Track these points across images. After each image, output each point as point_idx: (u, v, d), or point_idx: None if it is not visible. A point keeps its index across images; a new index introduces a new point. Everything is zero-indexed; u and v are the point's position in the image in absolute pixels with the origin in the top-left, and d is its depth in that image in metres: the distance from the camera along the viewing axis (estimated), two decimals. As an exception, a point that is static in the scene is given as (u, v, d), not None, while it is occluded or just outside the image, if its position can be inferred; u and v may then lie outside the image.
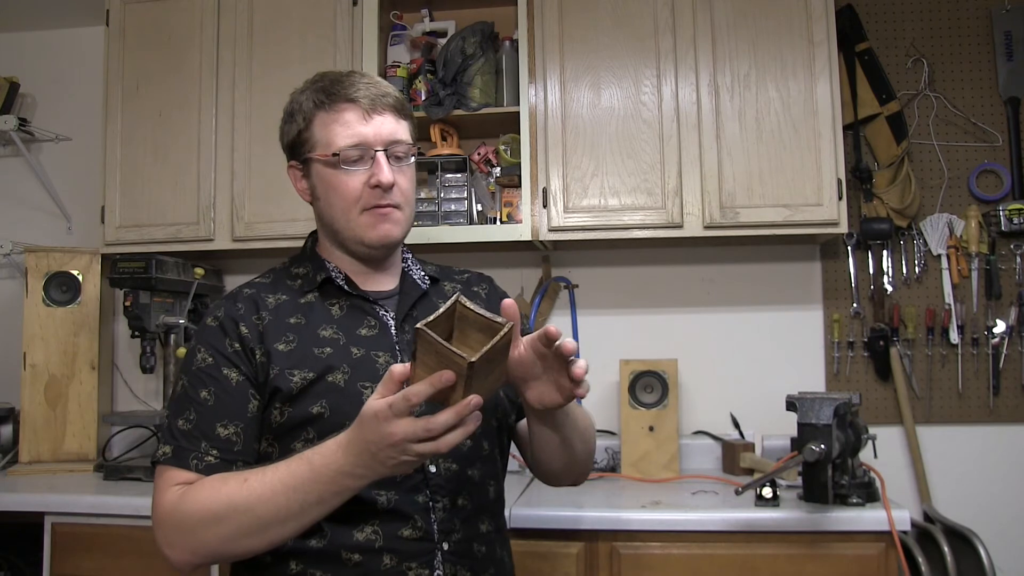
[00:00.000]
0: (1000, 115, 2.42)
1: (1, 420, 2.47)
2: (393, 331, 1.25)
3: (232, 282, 2.70)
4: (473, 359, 0.90)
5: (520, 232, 2.21)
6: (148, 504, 2.07)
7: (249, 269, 2.68)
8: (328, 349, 1.19)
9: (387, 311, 1.26)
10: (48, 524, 1.99)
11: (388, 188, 1.20)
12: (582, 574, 1.81)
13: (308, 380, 1.16)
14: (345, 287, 1.26)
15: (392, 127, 1.22)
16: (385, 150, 1.21)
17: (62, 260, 2.45)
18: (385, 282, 1.30)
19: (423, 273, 1.35)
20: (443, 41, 2.37)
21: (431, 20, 2.46)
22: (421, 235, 2.22)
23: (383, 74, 2.32)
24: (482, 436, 1.23)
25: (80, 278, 2.45)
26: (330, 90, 1.22)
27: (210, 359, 1.18)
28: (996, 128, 2.41)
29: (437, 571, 1.14)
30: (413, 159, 1.26)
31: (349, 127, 1.20)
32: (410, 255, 1.37)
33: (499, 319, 0.96)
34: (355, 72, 1.26)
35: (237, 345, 1.18)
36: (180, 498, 1.10)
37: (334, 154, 1.20)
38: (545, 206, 2.19)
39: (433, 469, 1.17)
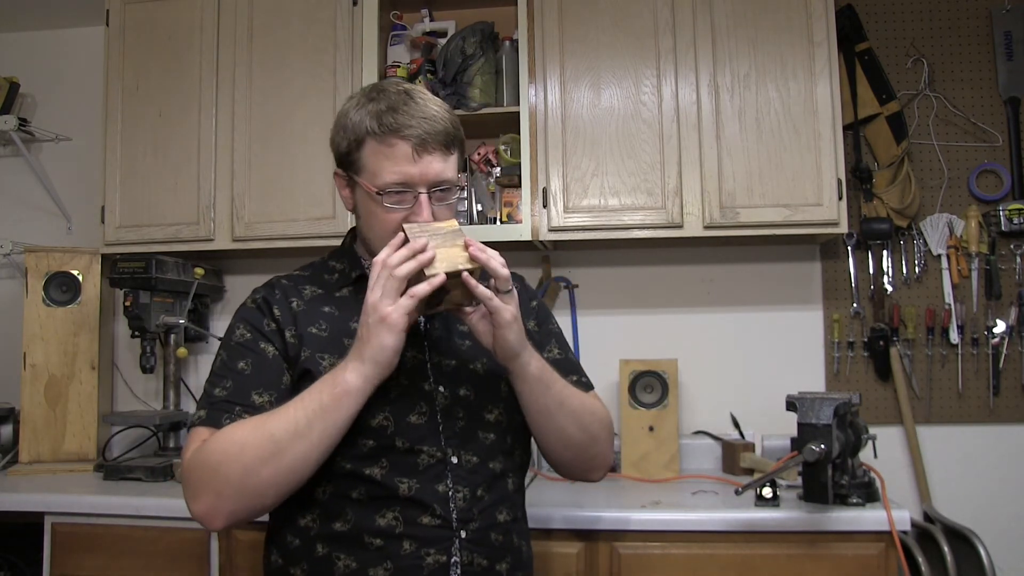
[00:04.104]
0: (1000, 115, 2.42)
1: (1, 420, 2.47)
2: (421, 327, 1.30)
3: (232, 282, 2.70)
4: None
5: (520, 232, 2.21)
6: (148, 504, 2.07)
7: (249, 269, 2.68)
8: None
9: None
10: (48, 524, 1.99)
11: None
12: (582, 574, 1.81)
13: (336, 366, 1.20)
14: None
15: (439, 168, 1.22)
16: (428, 191, 1.22)
17: (62, 260, 2.45)
18: None
19: None
20: (443, 41, 2.37)
21: (431, 20, 2.46)
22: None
23: (383, 74, 2.32)
24: (506, 431, 1.29)
25: (80, 278, 2.45)
26: (384, 119, 1.21)
27: (248, 334, 1.26)
28: (996, 128, 2.41)
29: (455, 557, 1.19)
30: (457, 193, 1.30)
31: (396, 164, 1.20)
32: None
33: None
34: (411, 96, 1.23)
35: (272, 325, 1.27)
36: (204, 443, 1.15)
37: (378, 192, 1.21)
38: (545, 206, 2.19)
39: (455, 460, 1.22)
